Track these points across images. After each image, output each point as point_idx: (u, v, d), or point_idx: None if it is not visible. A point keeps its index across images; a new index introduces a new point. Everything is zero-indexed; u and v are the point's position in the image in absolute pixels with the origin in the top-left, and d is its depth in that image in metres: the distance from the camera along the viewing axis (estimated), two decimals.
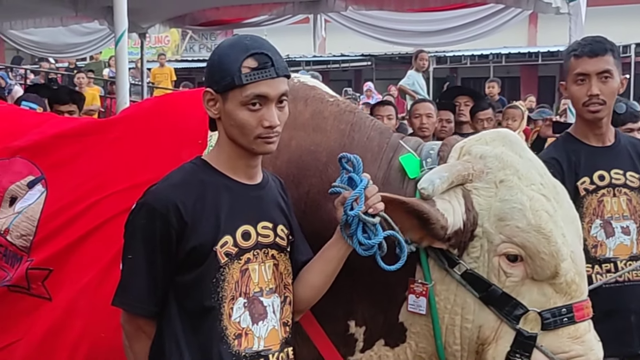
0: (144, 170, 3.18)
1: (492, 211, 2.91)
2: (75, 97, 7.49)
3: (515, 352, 2.90)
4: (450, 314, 2.97)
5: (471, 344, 2.98)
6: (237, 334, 2.61)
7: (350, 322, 3.12)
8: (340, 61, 27.18)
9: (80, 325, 3.13)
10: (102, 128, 3.50)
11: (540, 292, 2.92)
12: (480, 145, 3.02)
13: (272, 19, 12.24)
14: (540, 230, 2.88)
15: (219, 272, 2.58)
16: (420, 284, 2.95)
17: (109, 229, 3.17)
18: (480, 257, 2.92)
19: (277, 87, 2.58)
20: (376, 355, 3.15)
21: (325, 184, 2.99)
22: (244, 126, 2.58)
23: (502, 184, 2.92)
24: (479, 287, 2.91)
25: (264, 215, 2.70)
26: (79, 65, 21.97)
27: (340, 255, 2.76)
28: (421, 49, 13.46)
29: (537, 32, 26.81)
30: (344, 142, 3.10)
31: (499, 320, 2.92)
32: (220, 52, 2.65)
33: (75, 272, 3.19)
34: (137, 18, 10.45)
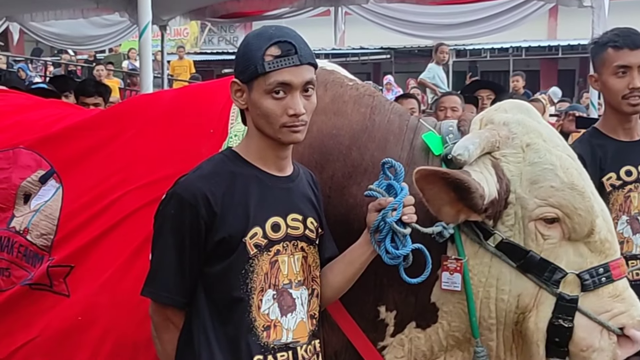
0: (164, 165, 3.18)
1: (523, 176, 2.92)
2: (101, 89, 7.51)
3: (558, 317, 2.91)
4: (485, 287, 2.97)
5: (508, 315, 2.99)
6: (266, 326, 2.61)
7: (381, 307, 3.11)
8: (359, 54, 27.16)
9: (103, 320, 3.13)
10: (117, 122, 3.47)
11: (576, 253, 2.94)
12: (500, 114, 3.05)
13: (292, 11, 12.20)
14: (574, 187, 2.91)
15: (248, 264, 2.58)
16: (454, 260, 2.95)
17: (129, 224, 3.17)
18: (515, 224, 2.93)
19: (301, 74, 2.57)
20: (407, 338, 3.14)
21: (349, 167, 3.02)
22: (269, 115, 2.57)
23: (529, 147, 2.95)
24: (516, 255, 2.92)
25: (293, 208, 2.69)
26: (98, 57, 22.04)
27: (363, 259, 2.77)
28: (441, 42, 13.41)
29: (557, 25, 26.66)
30: (366, 125, 3.10)
31: (537, 286, 2.92)
32: (246, 42, 2.65)
33: (96, 268, 3.19)
34: (158, 10, 10.42)
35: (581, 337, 2.92)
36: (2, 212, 3.42)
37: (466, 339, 3.08)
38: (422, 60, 20.67)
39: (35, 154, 3.44)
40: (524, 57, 25.67)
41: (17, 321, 3.29)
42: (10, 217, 3.41)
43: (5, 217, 3.41)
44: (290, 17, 12.54)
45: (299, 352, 2.67)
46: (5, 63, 18.93)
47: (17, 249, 3.34)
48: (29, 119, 3.68)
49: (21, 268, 3.33)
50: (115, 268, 3.13)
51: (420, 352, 3.14)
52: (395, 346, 3.15)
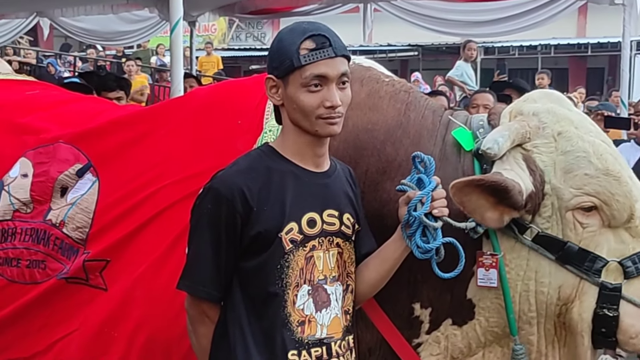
0: (199, 160, 3.20)
1: (556, 166, 2.91)
2: (122, 83, 7.55)
3: (602, 306, 2.90)
4: (524, 280, 2.96)
5: (549, 307, 2.97)
6: (300, 321, 2.61)
7: (415, 304, 3.11)
8: (387, 51, 27.05)
9: (137, 315, 3.15)
10: (153, 117, 3.51)
11: (617, 240, 2.93)
12: (529, 104, 3.05)
13: (321, 8, 12.21)
14: (609, 173, 2.89)
15: (284, 259, 2.59)
16: (490, 255, 2.95)
17: (164, 219, 3.20)
18: (552, 215, 2.92)
19: (336, 66, 2.58)
20: (443, 335, 3.14)
21: (383, 162, 3.03)
22: (305, 108, 2.58)
23: (561, 136, 2.94)
24: (554, 247, 2.91)
25: (330, 203, 2.69)
26: (126, 53, 22.13)
27: (397, 255, 2.76)
28: (469, 39, 13.36)
29: (587, 23, 26.47)
30: (401, 121, 3.11)
31: (578, 277, 2.91)
32: (280, 38, 2.66)
33: (131, 263, 3.21)
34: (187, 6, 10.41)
35: (629, 324, 2.91)
36: (40, 205, 3.45)
37: (505, 334, 3.07)
38: (450, 57, 20.59)
39: (74, 148, 3.47)
40: (553, 55, 25.50)
41: (54, 314, 3.33)
42: (47, 210, 3.44)
43: (42, 209, 3.44)
44: (319, 14, 12.54)
45: (332, 348, 2.67)
46: (34, 58, 19.06)
47: (53, 241, 3.36)
48: (68, 112, 3.72)
49: (57, 261, 3.35)
50: (150, 262, 3.15)
51: (457, 349, 3.13)
52: (431, 343, 3.15)
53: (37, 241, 3.39)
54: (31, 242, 3.40)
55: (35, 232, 3.40)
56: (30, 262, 3.39)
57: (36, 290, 3.35)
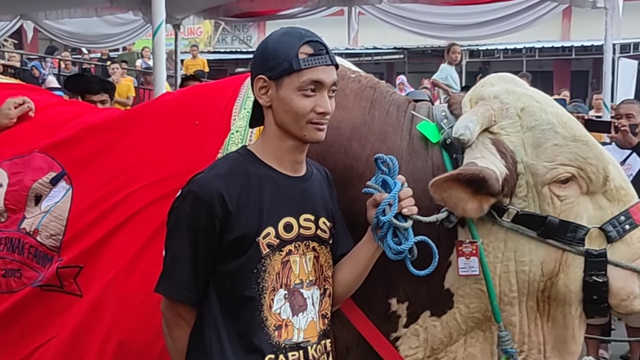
0: (169, 163, 3.20)
1: (525, 143, 2.94)
2: (106, 86, 7.51)
3: (590, 274, 2.92)
4: (503, 262, 2.98)
5: (532, 285, 2.99)
6: (277, 325, 2.62)
7: (391, 299, 3.11)
8: (372, 54, 27.12)
9: (109, 319, 3.14)
10: (125, 123, 3.50)
11: (595, 206, 2.96)
12: (488, 88, 3.08)
13: (306, 11, 12.18)
14: (577, 139, 2.94)
15: (260, 263, 2.60)
16: (469, 243, 2.95)
17: (135, 223, 3.19)
18: (528, 193, 2.94)
19: (331, 74, 2.62)
20: (422, 327, 3.14)
21: (350, 159, 3.04)
22: (298, 112, 2.59)
23: (524, 111, 2.97)
24: (535, 224, 2.93)
25: (306, 208, 2.70)
26: (111, 56, 22.08)
27: (369, 256, 2.77)
28: (453, 42, 13.38)
29: (571, 26, 26.57)
30: (366, 119, 3.12)
31: (560, 250, 2.93)
32: (274, 39, 2.67)
33: (104, 267, 3.20)
34: (171, 9, 10.38)
35: (619, 287, 2.95)
36: (14, 214, 3.45)
37: (487, 318, 3.08)
38: (436, 60, 20.62)
39: (47, 156, 3.47)
40: (537, 57, 25.60)
41: (31, 322, 3.31)
42: (21, 219, 3.43)
43: (16, 218, 3.43)
44: (304, 17, 12.54)
45: (309, 352, 2.68)
46: (19, 61, 19.00)
47: (27, 250, 3.35)
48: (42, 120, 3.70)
49: (32, 269, 3.35)
50: (121, 266, 3.14)
51: (437, 339, 3.13)
52: (410, 337, 3.15)
53: (12, 250, 3.38)
54: (6, 251, 3.39)
55: (10, 241, 3.39)
56: (6, 271, 3.37)
57: (12, 299, 3.33)
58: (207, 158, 3.02)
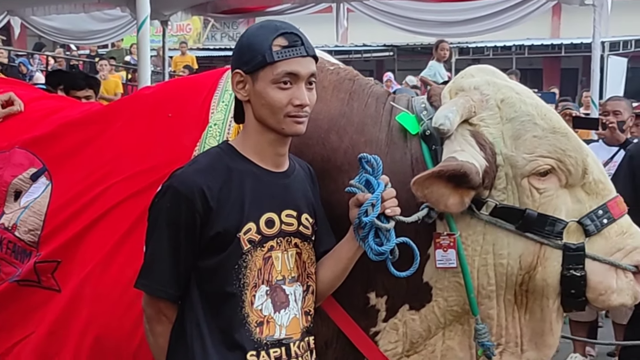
0: (148, 157, 3.18)
1: (505, 134, 2.93)
2: (91, 81, 7.47)
3: (568, 267, 2.92)
4: (481, 255, 2.97)
5: (510, 278, 2.98)
6: (258, 322, 2.59)
7: (370, 294, 3.09)
8: (362, 51, 27.14)
9: (86, 313, 3.11)
10: (104, 117, 3.47)
11: (574, 200, 2.96)
12: (468, 79, 3.06)
13: (295, 7, 12.21)
14: (556, 131, 2.93)
15: (242, 259, 2.57)
16: (447, 236, 2.93)
17: (113, 217, 3.16)
18: (507, 185, 2.93)
19: (307, 65, 2.58)
20: (401, 322, 3.12)
21: (328, 150, 3.01)
22: (274, 105, 2.56)
23: (504, 102, 2.96)
24: (513, 217, 2.92)
25: (288, 204, 2.67)
26: (100, 52, 22.02)
27: (350, 255, 2.75)
28: (442, 39, 13.38)
29: (561, 24, 26.67)
30: (344, 110, 3.09)
31: (538, 243, 2.92)
32: (250, 33, 2.64)
33: (82, 262, 3.17)
34: (159, 5, 10.42)
35: (597, 281, 2.94)
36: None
37: (465, 311, 3.06)
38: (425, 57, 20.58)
39: (28, 152, 3.44)
40: (527, 55, 25.65)
41: (10, 318, 3.29)
42: (0, 214, 3.40)
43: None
44: (293, 13, 12.54)
45: (291, 349, 2.65)
46: (6, 57, 18.92)
47: (5, 245, 3.33)
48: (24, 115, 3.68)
49: (10, 264, 3.32)
50: (98, 260, 3.11)
51: (416, 333, 3.12)
52: (389, 331, 3.13)
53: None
54: None
55: None
56: None
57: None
58: (185, 151, 3.01)
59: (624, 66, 19.03)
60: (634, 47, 22.71)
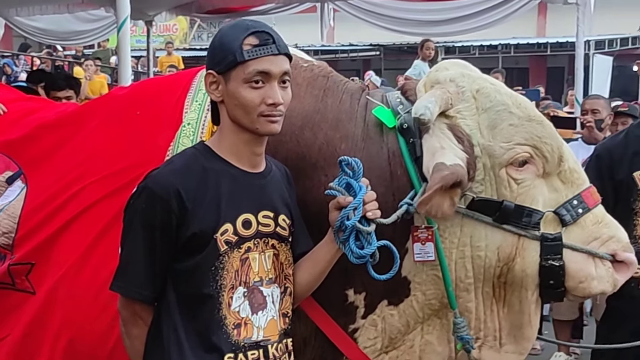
0: (122, 157, 3.15)
1: (481, 125, 2.95)
2: (72, 82, 7.47)
3: (547, 258, 2.93)
4: (459, 247, 2.97)
5: (488, 270, 2.99)
6: (236, 324, 2.57)
7: (348, 291, 3.08)
8: (348, 51, 27.17)
9: (60, 315, 3.09)
10: (79, 118, 3.44)
11: (551, 189, 2.98)
12: (443, 72, 3.07)
13: (279, 7, 12.21)
14: (532, 119, 2.96)
15: (219, 260, 2.54)
16: (425, 229, 2.93)
17: (87, 218, 3.14)
18: (485, 176, 2.94)
19: (279, 64, 2.55)
20: (379, 317, 3.11)
21: (303, 147, 3.00)
22: (247, 104, 2.53)
23: (479, 93, 2.98)
24: (490, 209, 2.93)
25: (265, 204, 2.65)
26: (85, 53, 21.95)
27: (328, 257, 2.73)
28: (427, 38, 13.39)
29: (546, 23, 26.76)
30: (318, 107, 3.08)
31: (516, 235, 2.93)
32: (222, 33, 2.62)
33: (56, 264, 3.15)
34: (143, 5, 10.41)
35: (576, 269, 2.96)
36: None
37: (443, 305, 3.06)
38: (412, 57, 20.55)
39: (4, 156, 3.42)
40: (513, 54, 25.71)
41: None
42: None
43: None
44: (277, 13, 12.55)
45: (269, 351, 2.63)
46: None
47: None
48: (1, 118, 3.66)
49: None
50: (72, 262, 3.09)
51: (395, 328, 3.11)
52: (367, 327, 3.12)
53: None
54: None
55: None
56: None
57: None
58: (159, 151, 3.00)
59: (609, 65, 19.13)
60: (619, 45, 22.81)
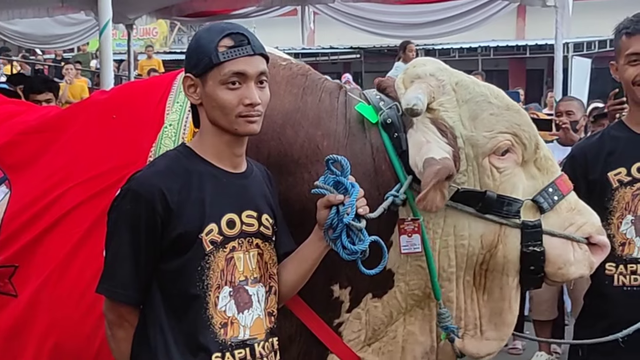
0: (105, 159, 3.16)
1: (462, 116, 3.01)
2: (51, 85, 7.46)
3: (528, 244, 3.00)
4: (442, 237, 3.02)
5: (471, 258, 3.04)
6: (223, 323, 2.58)
7: (334, 286, 3.09)
8: (329, 54, 27.15)
9: (44, 318, 3.08)
10: (61, 122, 3.43)
11: (529, 176, 3.06)
12: (421, 67, 3.11)
13: (260, 10, 12.22)
14: (510, 108, 3.06)
15: (204, 260, 2.56)
16: (411, 221, 2.96)
17: (71, 220, 3.13)
18: (468, 166, 2.99)
19: (255, 64, 2.57)
20: (364, 310, 3.14)
21: (285, 145, 3.01)
22: (224, 106, 2.56)
23: (458, 85, 3.05)
24: (473, 200, 2.99)
25: (248, 204, 2.67)
26: (65, 57, 21.88)
27: (315, 255, 2.75)
28: (408, 40, 13.43)
29: (526, 26, 26.85)
30: (298, 105, 3.10)
31: (498, 224, 3.00)
32: (198, 37, 2.64)
33: (39, 266, 3.13)
34: (123, 9, 10.38)
35: (555, 254, 3.03)
36: None
37: (426, 295, 3.10)
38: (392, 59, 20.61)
39: None
40: (493, 56, 25.76)
41: None
42: None
43: None
44: (258, 16, 12.57)
45: (256, 349, 2.64)
46: None
47: None
48: None
49: None
50: (55, 264, 3.08)
51: (378, 320, 3.14)
52: (352, 321, 3.14)
53: None
54: None
55: None
56: None
57: None
58: (141, 153, 3.01)
59: (588, 67, 19.18)
60: (597, 47, 22.88)
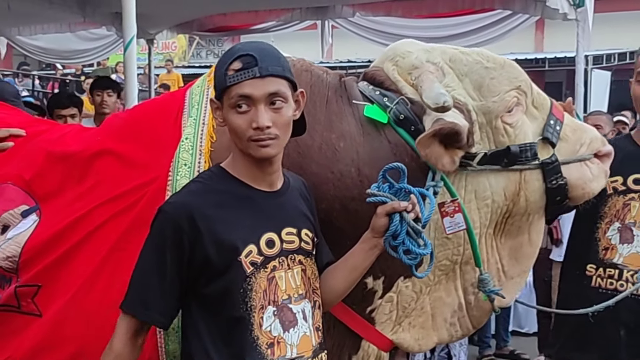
0: (126, 179, 3.17)
1: (467, 89, 3.10)
2: (75, 100, 7.51)
3: (552, 180, 3.14)
4: (465, 203, 3.08)
5: (495, 212, 3.14)
6: (269, 343, 2.58)
7: (367, 279, 3.10)
8: (347, 67, 27.10)
9: (70, 335, 3.08)
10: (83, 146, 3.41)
11: (531, 118, 3.17)
12: (412, 57, 3.15)
13: (279, 25, 12.22)
14: (503, 65, 3.16)
15: (246, 282, 2.55)
16: (450, 202, 3.02)
17: (96, 239, 3.14)
18: (482, 134, 3.08)
19: (262, 87, 2.53)
20: (395, 293, 3.17)
21: (302, 147, 3.02)
22: (236, 129, 2.56)
23: (452, 61, 3.14)
24: (498, 159, 3.08)
25: (287, 222, 2.67)
26: (85, 71, 21.99)
27: (367, 264, 2.76)
28: None
29: (544, 38, 26.77)
30: (308, 109, 3.04)
31: (517, 172, 3.10)
32: (219, 59, 2.65)
33: (65, 285, 3.14)
34: (145, 24, 10.43)
35: (576, 178, 3.22)
36: None
37: (453, 262, 3.16)
38: None
39: (22, 190, 3.41)
40: None
41: None
42: None
43: None
44: (278, 31, 12.58)
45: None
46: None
47: None
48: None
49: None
50: (82, 282, 3.09)
51: (408, 297, 3.18)
52: (384, 305, 3.19)
53: None
54: None
55: None
56: None
57: None
58: (162, 169, 3.03)
59: (607, 79, 19.13)
60: (617, 60, 22.83)
